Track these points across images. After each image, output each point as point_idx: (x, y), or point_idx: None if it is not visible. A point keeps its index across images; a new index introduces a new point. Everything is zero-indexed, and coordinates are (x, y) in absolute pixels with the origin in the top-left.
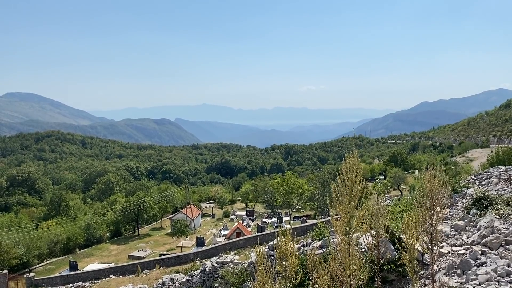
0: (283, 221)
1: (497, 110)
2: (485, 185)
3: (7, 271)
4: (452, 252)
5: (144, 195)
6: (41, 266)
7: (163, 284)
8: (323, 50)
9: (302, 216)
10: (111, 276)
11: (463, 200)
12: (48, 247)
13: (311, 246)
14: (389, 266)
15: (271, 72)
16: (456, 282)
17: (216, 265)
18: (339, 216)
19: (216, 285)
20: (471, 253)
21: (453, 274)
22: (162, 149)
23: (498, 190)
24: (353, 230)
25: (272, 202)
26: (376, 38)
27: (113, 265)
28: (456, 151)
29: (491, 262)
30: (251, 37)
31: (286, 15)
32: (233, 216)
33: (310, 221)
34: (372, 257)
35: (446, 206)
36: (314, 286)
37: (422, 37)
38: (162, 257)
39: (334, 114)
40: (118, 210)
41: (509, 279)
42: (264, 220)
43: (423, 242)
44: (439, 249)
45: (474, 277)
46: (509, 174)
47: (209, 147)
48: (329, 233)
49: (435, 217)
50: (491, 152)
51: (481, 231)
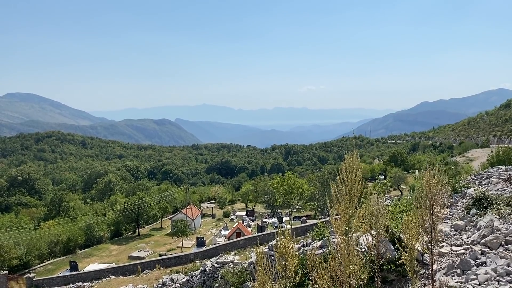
0: (283, 221)
1: (497, 110)
2: (485, 185)
3: (8, 272)
4: (452, 252)
5: (144, 196)
6: (42, 267)
7: (164, 284)
8: (323, 50)
9: (302, 216)
10: (112, 277)
11: (463, 200)
12: (49, 248)
13: (311, 246)
14: (389, 266)
15: (271, 72)
16: (456, 282)
17: (216, 265)
18: (339, 216)
19: (216, 285)
20: (471, 253)
21: (453, 274)
22: (162, 150)
23: (498, 190)
24: (353, 230)
25: (272, 202)
26: (376, 38)
27: (114, 266)
28: (456, 151)
29: (491, 262)
30: (251, 37)
31: (286, 15)
32: (233, 216)
33: (310, 221)
34: (372, 257)
35: (446, 206)
36: (314, 286)
37: (422, 37)
38: (163, 257)
39: (334, 114)
40: (118, 211)
41: (509, 279)
42: (264, 220)
43: (423, 242)
44: (439, 249)
45: (474, 277)
46: (509, 174)
47: (209, 147)
48: (329, 233)
49: (435, 217)
50: (491, 152)
51: (481, 231)
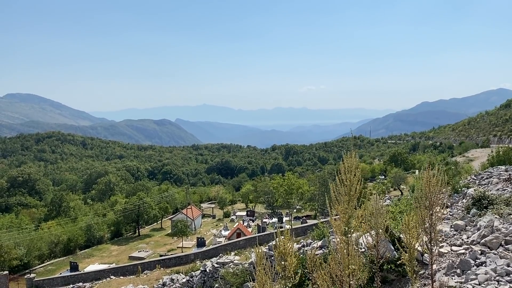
0: (284, 222)
1: (497, 110)
2: (485, 185)
3: (8, 272)
4: (452, 252)
5: (145, 196)
6: (42, 267)
7: (164, 285)
8: (323, 50)
9: (303, 217)
10: (112, 277)
11: (463, 200)
12: (49, 248)
13: (311, 246)
14: (389, 266)
15: (271, 72)
16: (456, 282)
17: (217, 266)
18: (338, 216)
19: (217, 286)
20: (471, 253)
21: (453, 274)
22: (163, 150)
23: (498, 190)
24: (352, 230)
25: (273, 203)
26: (376, 38)
27: (114, 266)
28: (457, 151)
29: (491, 262)
30: (251, 37)
31: (286, 15)
32: (234, 217)
33: (311, 222)
34: (372, 257)
35: (446, 206)
36: (314, 286)
37: (422, 37)
38: (163, 258)
39: (334, 114)
40: (119, 211)
41: (509, 279)
42: (265, 221)
43: (423, 242)
44: (439, 249)
45: (474, 277)
46: (509, 174)
47: (210, 148)
48: (329, 233)
49: (434, 217)
50: (492, 152)
51: (481, 231)
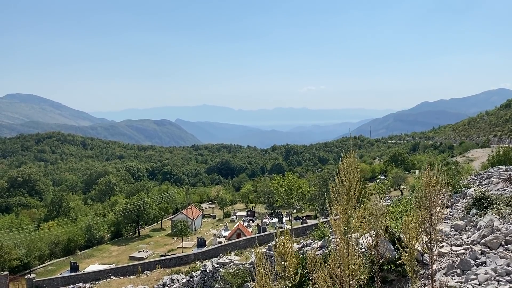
0: (284, 222)
1: (498, 110)
2: (486, 185)
3: (8, 272)
4: (452, 252)
5: (145, 196)
6: (42, 267)
7: (164, 285)
8: (323, 51)
9: (303, 217)
10: (112, 277)
11: (463, 200)
12: (49, 248)
13: (312, 247)
14: (389, 266)
15: (271, 73)
16: (456, 282)
17: (217, 266)
18: (338, 217)
19: (217, 286)
20: (471, 253)
21: (453, 274)
22: (163, 150)
23: (499, 190)
24: (352, 230)
25: (273, 203)
26: (376, 39)
27: (114, 266)
28: (457, 151)
29: (491, 262)
30: (251, 38)
31: (286, 16)
32: (234, 217)
33: (311, 222)
34: (372, 257)
35: (446, 206)
36: (314, 286)
37: (423, 37)
38: (163, 258)
39: (335, 115)
40: (119, 211)
41: (509, 279)
42: (265, 221)
43: (423, 242)
44: (439, 249)
45: (474, 277)
46: (510, 174)
47: (210, 148)
48: (329, 234)
49: (434, 217)
50: (492, 152)
51: (481, 231)
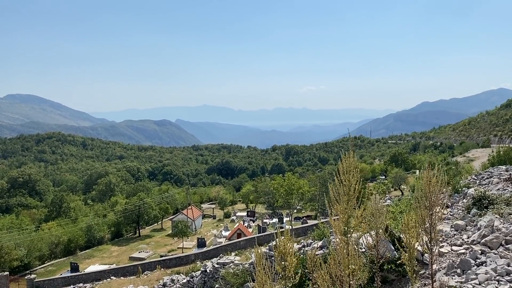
0: (284, 222)
1: (498, 110)
2: (486, 185)
3: (8, 273)
4: (452, 252)
5: (145, 196)
6: (42, 268)
7: (164, 285)
8: (323, 51)
9: (303, 217)
10: (112, 277)
11: (464, 200)
12: (49, 249)
13: (312, 247)
14: (389, 266)
15: (271, 73)
16: (456, 282)
17: (217, 266)
18: (338, 217)
19: (217, 286)
20: (471, 253)
21: (453, 274)
22: (163, 150)
23: (499, 190)
24: (352, 230)
25: (273, 203)
26: (377, 39)
27: (114, 267)
28: (457, 151)
29: (491, 262)
30: (252, 38)
31: (287, 16)
32: (234, 217)
33: (311, 222)
34: (372, 257)
35: (446, 206)
36: (314, 286)
37: (423, 37)
38: (163, 258)
39: (335, 115)
40: (119, 212)
41: (509, 278)
42: (265, 221)
43: (423, 242)
44: (439, 249)
45: (474, 277)
46: (510, 174)
47: (210, 148)
48: (330, 234)
49: (434, 217)
50: (492, 152)
51: (481, 231)
